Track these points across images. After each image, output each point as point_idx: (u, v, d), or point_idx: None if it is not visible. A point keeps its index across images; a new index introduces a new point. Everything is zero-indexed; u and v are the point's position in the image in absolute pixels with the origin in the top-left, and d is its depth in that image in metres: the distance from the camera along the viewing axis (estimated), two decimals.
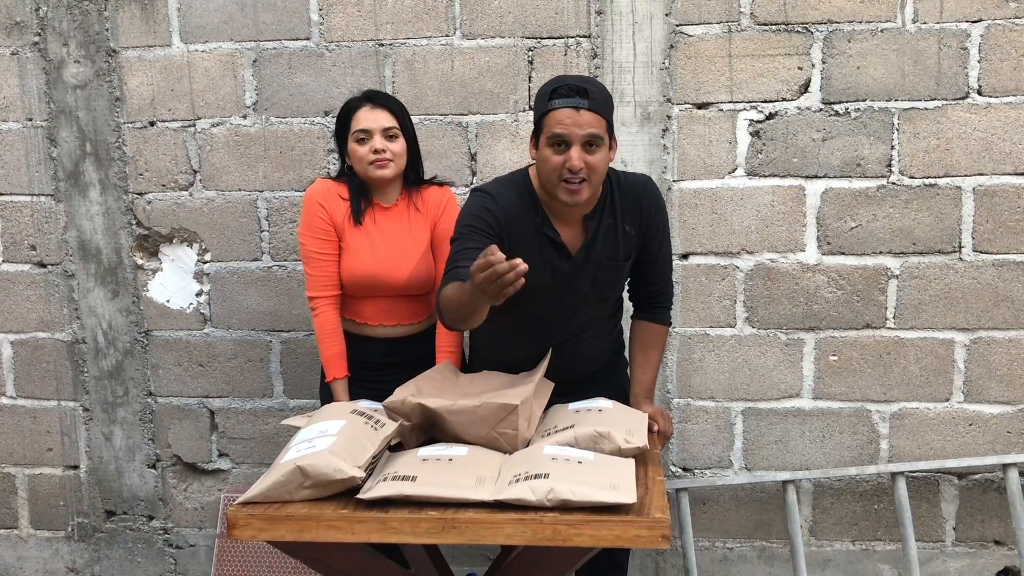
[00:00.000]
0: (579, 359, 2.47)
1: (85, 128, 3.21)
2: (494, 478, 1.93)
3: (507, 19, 3.01)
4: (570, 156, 2.15)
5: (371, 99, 2.58)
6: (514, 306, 2.12)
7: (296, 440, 2.07)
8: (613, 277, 2.40)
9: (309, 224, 2.59)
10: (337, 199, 2.60)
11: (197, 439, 3.36)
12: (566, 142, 2.16)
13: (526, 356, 2.41)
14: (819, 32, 2.91)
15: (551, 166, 2.19)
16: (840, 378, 3.07)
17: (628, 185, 2.38)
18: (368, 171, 2.55)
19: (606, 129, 2.20)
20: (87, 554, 3.48)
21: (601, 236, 2.33)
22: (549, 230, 2.30)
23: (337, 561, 2.05)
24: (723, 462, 3.17)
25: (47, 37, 3.17)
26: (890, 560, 3.15)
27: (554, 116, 2.17)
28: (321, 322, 2.62)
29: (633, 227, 2.36)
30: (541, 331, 2.40)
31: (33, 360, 3.39)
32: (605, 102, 2.22)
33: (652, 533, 1.81)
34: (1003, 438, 3.05)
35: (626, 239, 2.36)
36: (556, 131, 2.16)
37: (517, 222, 2.29)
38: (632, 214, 2.36)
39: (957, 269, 2.98)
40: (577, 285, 2.34)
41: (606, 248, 2.34)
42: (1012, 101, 2.89)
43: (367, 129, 2.53)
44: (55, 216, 3.28)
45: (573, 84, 2.19)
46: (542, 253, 2.29)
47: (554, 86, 2.21)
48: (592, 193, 2.25)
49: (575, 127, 2.15)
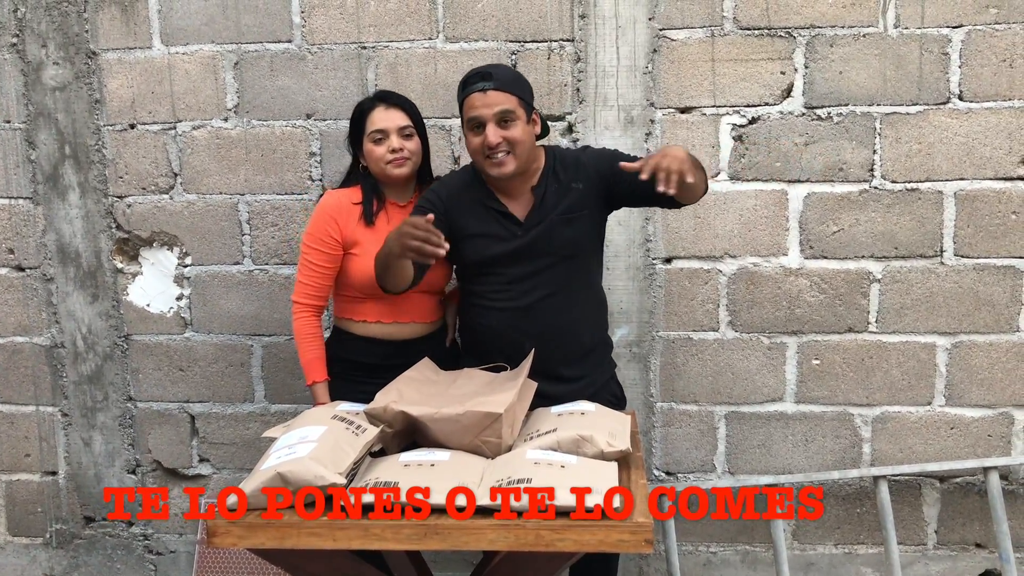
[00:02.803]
0: (555, 327, 2.50)
1: (64, 130, 3.18)
2: (476, 483, 1.92)
3: (490, 22, 3.00)
4: (486, 134, 2.36)
5: (385, 99, 2.60)
6: (483, 274, 2.48)
7: (276, 446, 2.05)
8: (570, 233, 2.48)
9: (317, 236, 2.58)
10: (350, 208, 2.59)
11: (177, 444, 3.33)
12: (481, 123, 2.37)
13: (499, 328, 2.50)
14: (802, 37, 2.92)
15: (474, 147, 2.41)
16: (823, 382, 3.08)
17: (567, 153, 2.58)
18: (386, 170, 2.57)
19: (519, 104, 2.39)
20: (65, 561, 3.45)
21: (549, 198, 2.48)
22: (494, 202, 2.48)
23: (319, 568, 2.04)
24: (706, 466, 3.17)
25: (25, 39, 3.14)
26: (872, 563, 3.16)
27: (467, 103, 2.40)
28: (300, 327, 2.61)
29: (581, 181, 2.49)
30: (511, 297, 2.48)
31: (11, 365, 3.35)
32: (512, 80, 2.41)
33: (635, 537, 1.80)
34: (984, 441, 3.06)
35: (577, 194, 2.49)
36: (471, 115, 2.38)
37: (465, 200, 2.49)
38: (574, 171, 2.50)
39: (939, 273, 3.00)
40: (536, 248, 2.46)
41: (556, 207, 2.47)
42: (993, 106, 2.90)
43: (383, 129, 2.55)
44: (33, 219, 3.25)
45: (478, 71, 2.41)
46: (493, 225, 2.47)
47: (465, 78, 2.43)
48: (520, 165, 2.41)
49: (484, 107, 2.36)
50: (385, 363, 2.57)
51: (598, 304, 2.63)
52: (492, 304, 2.50)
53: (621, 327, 3.09)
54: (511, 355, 2.46)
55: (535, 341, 2.44)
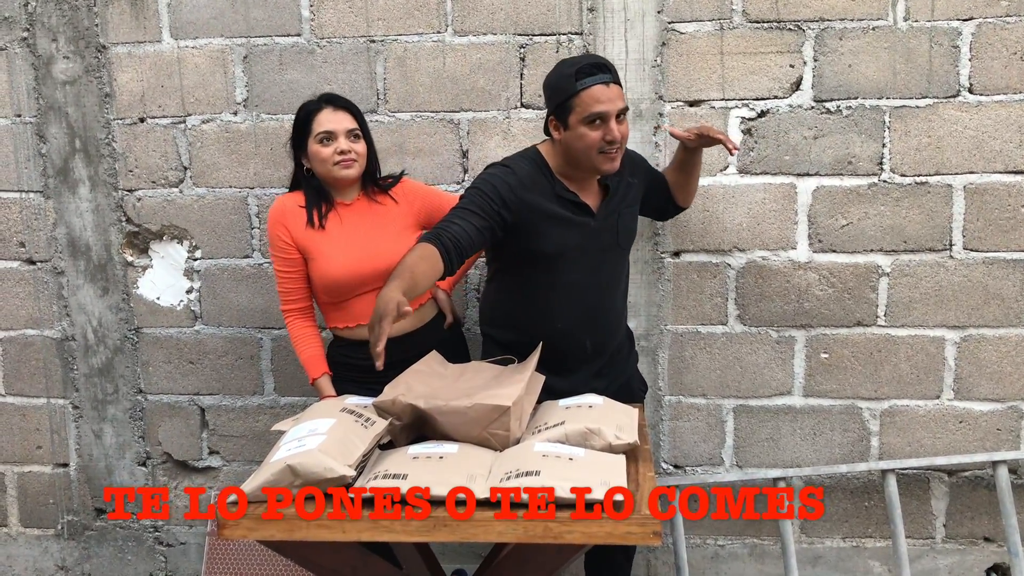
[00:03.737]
0: (614, 323, 2.63)
1: (74, 124, 3.19)
2: (485, 475, 1.93)
3: (499, 16, 3.00)
4: (610, 129, 2.32)
5: (331, 102, 2.61)
6: (552, 269, 2.44)
7: (286, 439, 2.06)
8: (631, 224, 2.64)
9: (273, 245, 2.63)
10: (295, 210, 2.62)
11: (187, 437, 3.35)
12: (604, 117, 2.31)
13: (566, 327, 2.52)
14: (811, 30, 2.91)
15: (589, 142, 2.34)
16: (831, 376, 3.08)
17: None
18: (333, 171, 2.58)
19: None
20: (77, 552, 3.47)
21: (619, 191, 2.56)
22: (569, 194, 2.46)
23: (328, 560, 2.05)
24: (714, 459, 3.17)
25: (36, 33, 3.15)
26: (880, 557, 3.16)
27: (589, 95, 2.31)
28: (293, 330, 2.68)
29: (635, 177, 2.62)
30: (576, 294, 2.51)
31: (22, 357, 3.37)
32: (618, 77, 2.40)
33: (644, 530, 1.81)
34: (993, 435, 3.06)
35: (633, 188, 2.61)
36: (596, 110, 2.30)
37: (535, 192, 2.43)
38: (633, 168, 2.62)
39: (948, 267, 2.99)
40: (603, 239, 2.51)
41: (623, 199, 2.57)
42: (1003, 99, 2.89)
43: (331, 131, 2.56)
44: (44, 213, 3.26)
45: (594, 62, 2.35)
46: (566, 217, 2.45)
47: (576, 67, 2.33)
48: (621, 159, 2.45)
49: (610, 103, 2.32)
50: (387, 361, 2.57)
51: (626, 291, 2.75)
52: (563, 304, 2.50)
53: (629, 320, 3.09)
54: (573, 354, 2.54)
55: (596, 339, 2.55)
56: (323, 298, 2.64)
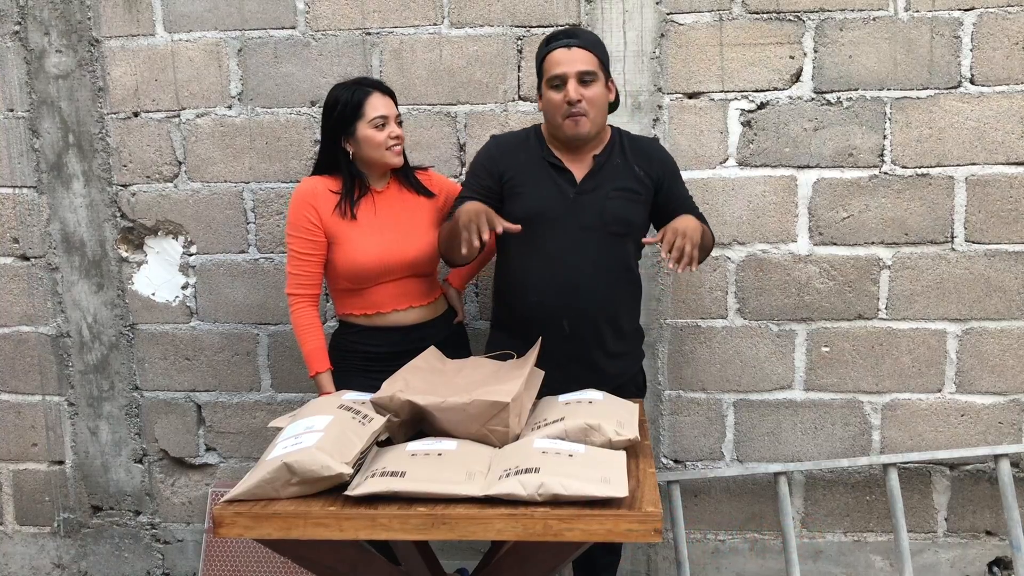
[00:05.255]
0: (596, 306, 2.49)
1: (68, 119, 3.16)
2: (484, 472, 1.91)
3: (496, 8, 2.97)
4: (567, 90, 2.36)
5: (378, 87, 2.59)
6: (529, 235, 2.39)
7: (283, 436, 2.04)
8: (623, 211, 2.48)
9: (296, 224, 2.56)
10: (327, 195, 2.57)
11: (184, 433, 3.33)
12: (563, 79, 2.37)
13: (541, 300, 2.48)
14: (811, 20, 2.89)
15: (554, 104, 2.41)
16: (832, 369, 3.06)
17: (639, 138, 2.62)
18: (385, 156, 2.57)
19: (599, 67, 2.41)
20: (73, 550, 3.45)
21: (609, 168, 2.49)
22: (552, 158, 2.48)
23: (326, 558, 2.03)
24: (714, 454, 3.16)
25: (28, 26, 3.12)
26: (882, 551, 3.15)
27: (550, 58, 2.40)
28: (298, 318, 2.60)
29: (642, 168, 2.52)
30: (556, 267, 2.46)
31: (17, 354, 3.34)
32: (595, 42, 2.44)
33: (644, 527, 1.79)
34: (995, 428, 3.04)
35: (637, 177, 2.51)
36: (554, 72, 2.38)
37: (520, 156, 2.50)
38: (641, 158, 2.54)
39: (949, 259, 2.97)
40: (586, 215, 2.45)
41: (614, 180, 2.48)
42: (1005, 90, 2.87)
43: (386, 116, 2.55)
44: (38, 208, 3.23)
45: (563, 29, 2.46)
46: (551, 180, 2.47)
47: (548, 36, 2.46)
48: (594, 127, 2.43)
49: (568, 64, 2.37)
50: (396, 350, 2.57)
51: (636, 289, 2.63)
52: (538, 279, 2.47)
53: None
54: (551, 334, 2.45)
55: (574, 321, 2.46)
56: (342, 284, 2.61)
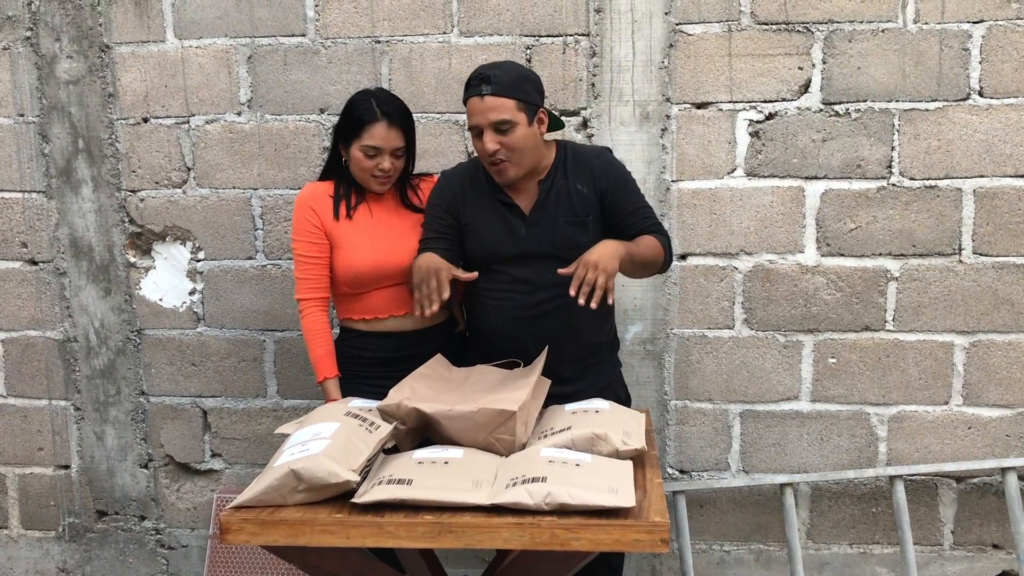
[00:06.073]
0: (558, 326, 2.44)
1: (78, 124, 3.17)
2: (491, 481, 1.91)
3: (505, 16, 2.98)
4: (484, 142, 2.32)
5: (388, 116, 2.51)
6: (486, 269, 2.41)
7: (290, 443, 2.04)
8: (574, 236, 2.42)
9: (299, 228, 2.58)
10: (326, 199, 2.59)
11: (190, 439, 3.33)
12: (480, 130, 2.33)
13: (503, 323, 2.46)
14: (820, 32, 2.89)
15: (479, 151, 2.38)
16: (838, 380, 3.05)
17: (582, 151, 2.53)
18: (369, 183, 2.57)
19: (518, 108, 2.31)
20: (78, 554, 3.45)
21: (553, 195, 2.44)
22: (501, 195, 2.45)
23: (332, 565, 2.03)
24: (720, 464, 3.15)
25: (39, 32, 3.13)
26: (888, 564, 3.13)
27: (468, 108, 2.35)
28: (308, 323, 2.60)
29: (585, 185, 2.45)
30: (514, 293, 2.45)
31: (24, 359, 3.35)
32: (511, 83, 2.31)
33: (651, 537, 1.78)
34: (1002, 441, 3.03)
35: (580, 197, 2.44)
36: (471, 122, 2.35)
37: (470, 193, 2.49)
38: (583, 175, 2.45)
39: (957, 271, 2.96)
40: (538, 243, 2.43)
41: (560, 206, 2.43)
42: (1013, 103, 2.87)
43: (379, 148, 2.51)
44: (47, 213, 3.25)
45: (479, 73, 2.33)
46: (500, 217, 2.45)
47: (468, 78, 2.36)
48: (520, 169, 2.38)
49: (480, 115, 2.31)
50: (397, 355, 2.57)
51: (607, 317, 2.57)
52: (498, 304, 2.47)
53: (635, 324, 3.07)
54: (515, 355, 2.43)
55: (538, 342, 2.41)
56: (343, 289, 2.62)
